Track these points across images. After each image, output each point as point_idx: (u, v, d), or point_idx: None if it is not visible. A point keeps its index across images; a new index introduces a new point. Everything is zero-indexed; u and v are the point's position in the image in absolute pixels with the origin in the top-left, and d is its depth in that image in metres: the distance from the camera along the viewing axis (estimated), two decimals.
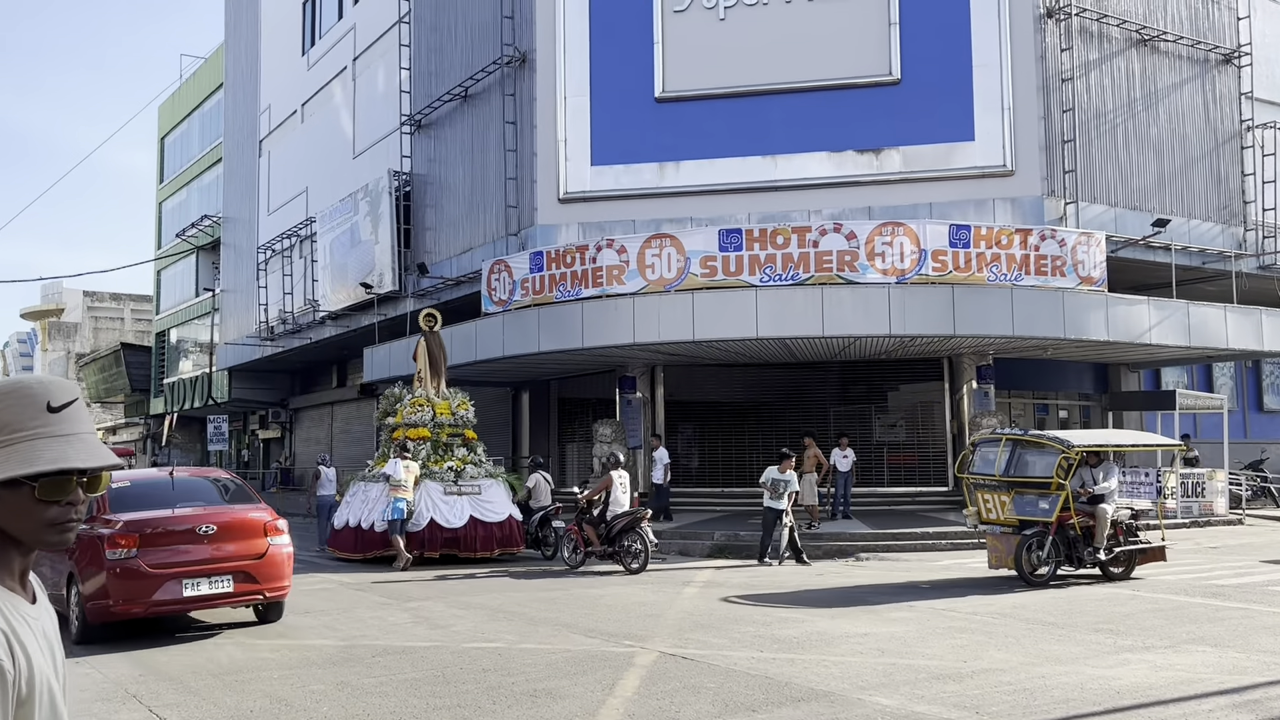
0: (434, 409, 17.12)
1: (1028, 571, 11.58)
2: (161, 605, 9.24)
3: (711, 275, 19.33)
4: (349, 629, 9.32)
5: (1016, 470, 12.49)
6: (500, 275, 22.19)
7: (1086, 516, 12.01)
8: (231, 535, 9.49)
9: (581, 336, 20.03)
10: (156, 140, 52.75)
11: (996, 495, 12.49)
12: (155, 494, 10.13)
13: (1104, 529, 11.80)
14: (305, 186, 34.83)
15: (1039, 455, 12.49)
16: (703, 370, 24.48)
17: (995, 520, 12.52)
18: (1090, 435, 13.36)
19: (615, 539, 13.84)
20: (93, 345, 73.04)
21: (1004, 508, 12.37)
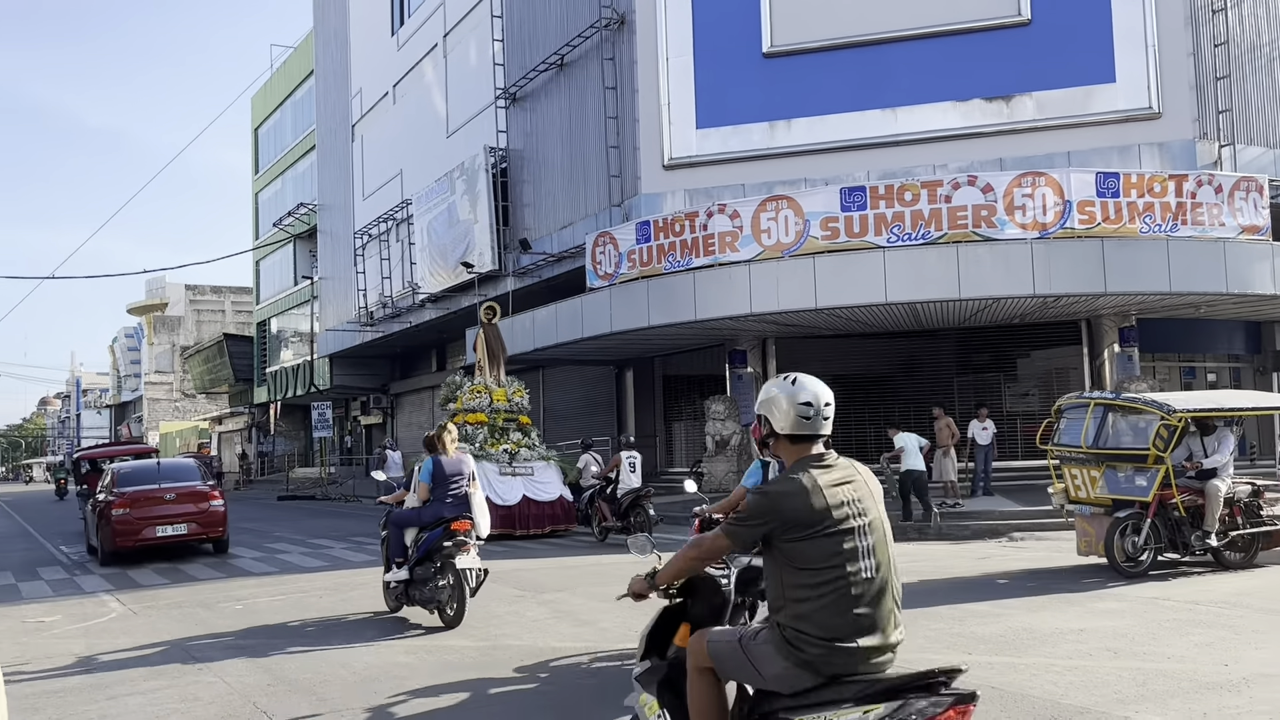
0: (491, 396, 18.12)
1: (1120, 560, 9.93)
2: (145, 541, 14.68)
3: (833, 238, 18.09)
4: (487, 627, 8.44)
5: (1108, 440, 10.77)
6: (605, 248, 21.25)
7: (1194, 494, 10.23)
8: (187, 499, 15.18)
9: (694, 308, 18.97)
10: (250, 132, 53.19)
11: (1085, 470, 10.78)
12: (145, 473, 16.12)
13: (1215, 509, 10.01)
14: (399, 169, 34.41)
15: (1135, 422, 10.69)
16: (817, 342, 23.18)
17: (1084, 499, 10.80)
18: (1198, 398, 11.15)
19: (625, 514, 14.89)
20: (196, 338, 74.64)
21: (1093, 484, 10.65)
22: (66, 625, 9.75)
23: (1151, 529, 9.95)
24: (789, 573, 3.27)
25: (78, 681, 7.17)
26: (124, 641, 8.69)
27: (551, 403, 31.81)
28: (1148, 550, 9.98)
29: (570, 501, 17.11)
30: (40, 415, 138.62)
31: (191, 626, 9.31)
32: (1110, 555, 9.94)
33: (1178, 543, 10.14)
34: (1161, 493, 10.01)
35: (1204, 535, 10.04)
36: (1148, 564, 9.98)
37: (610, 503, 15.27)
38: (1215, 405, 10.70)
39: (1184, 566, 10.45)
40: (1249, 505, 10.56)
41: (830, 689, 3.17)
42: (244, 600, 10.81)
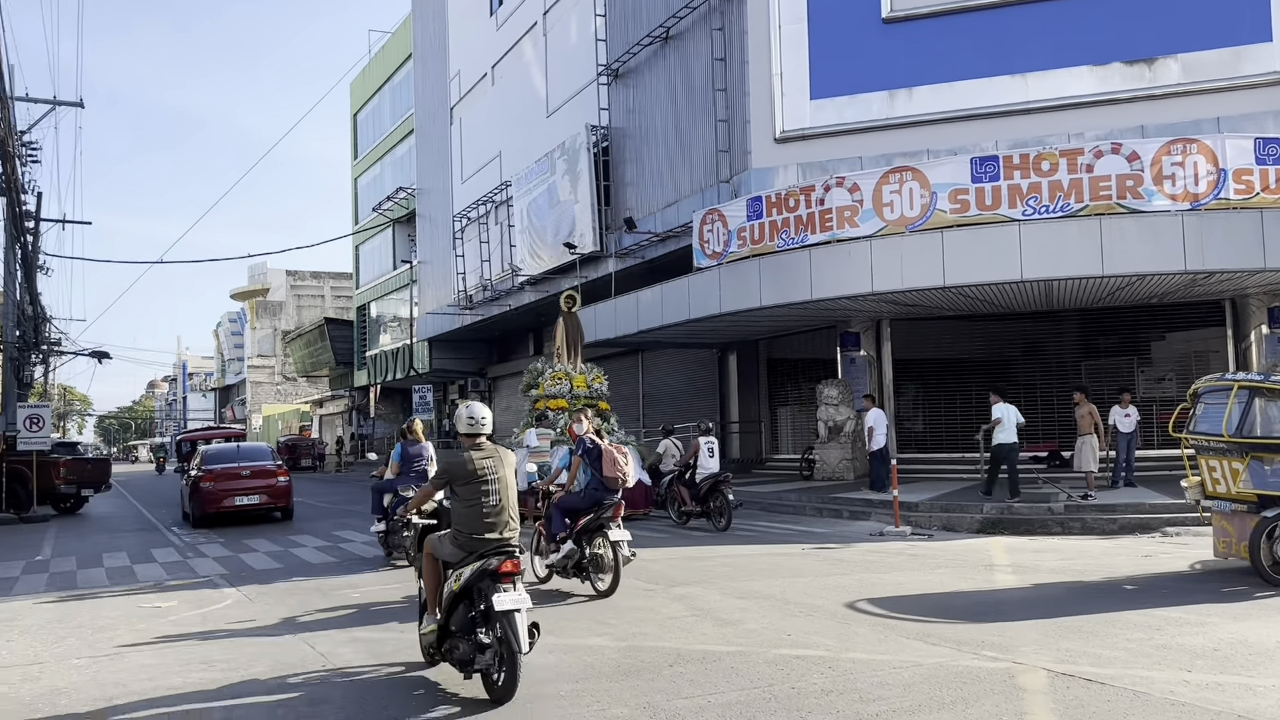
0: (572, 382, 18.57)
1: (1267, 565, 8.76)
2: (225, 508, 18.25)
3: (963, 211, 17.01)
4: (622, 624, 7.82)
5: (1254, 428, 9.52)
6: (713, 225, 20.47)
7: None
8: (260, 475, 18.85)
9: (810, 287, 18.08)
10: (349, 117, 53.65)
11: (1225, 461, 9.59)
12: (227, 454, 19.95)
13: None
14: (499, 151, 34.11)
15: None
16: (933, 324, 22.08)
17: (1224, 494, 9.65)
18: None
19: (704, 499, 15.23)
20: (296, 322, 76.14)
21: (1235, 478, 9.45)
22: (183, 611, 9.44)
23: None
24: (455, 501, 6.18)
25: (198, 677, 6.74)
26: (243, 630, 8.31)
27: (651, 387, 31.23)
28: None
29: (649, 486, 17.19)
30: (149, 398, 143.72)
31: (307, 614, 8.90)
32: (1255, 559, 8.81)
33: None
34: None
35: None
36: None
37: (690, 487, 15.55)
38: None
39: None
40: None
41: (470, 559, 5.98)
42: (361, 588, 10.40)
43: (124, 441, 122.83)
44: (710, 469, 15.38)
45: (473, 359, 42.34)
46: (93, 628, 8.79)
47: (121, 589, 11.15)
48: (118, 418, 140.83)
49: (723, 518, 14.71)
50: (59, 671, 7.10)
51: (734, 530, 14.66)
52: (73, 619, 9.29)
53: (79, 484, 22.85)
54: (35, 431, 21.22)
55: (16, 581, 12.09)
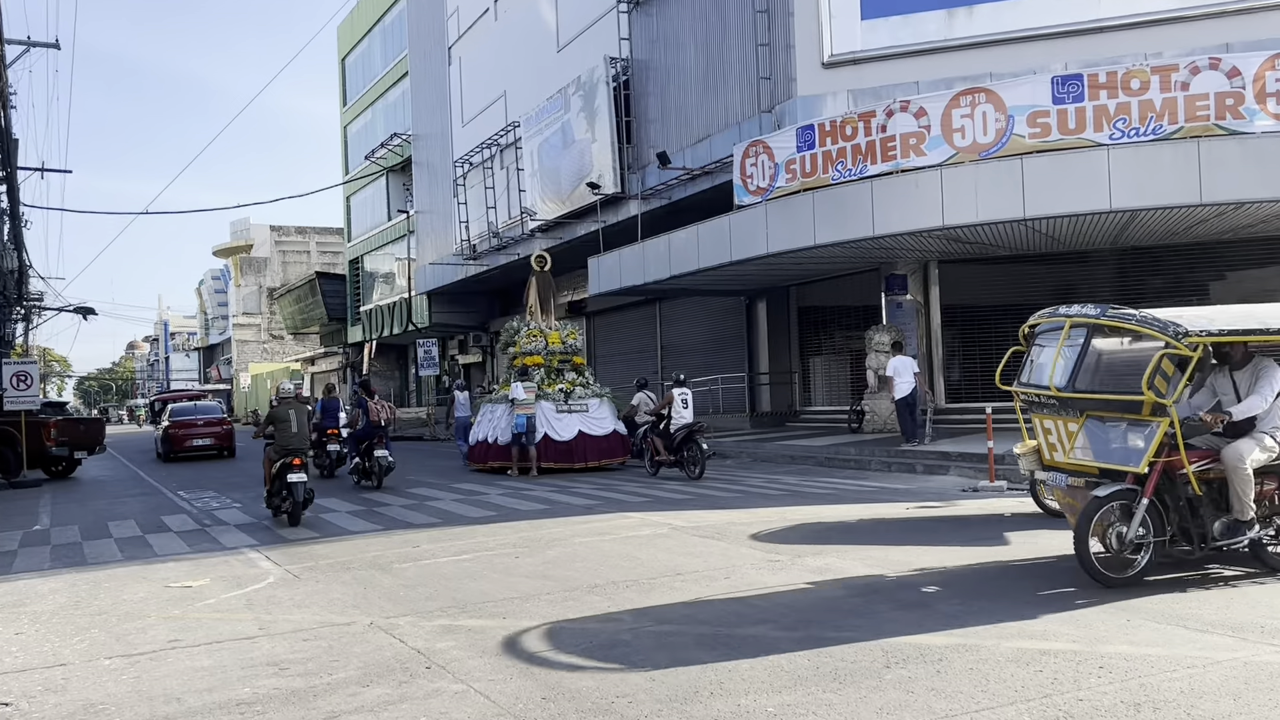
0: (546, 339, 18.98)
1: (1096, 561, 6.64)
2: (186, 448, 25.78)
3: (1043, 135, 15.56)
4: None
5: (1092, 379, 7.35)
6: (758, 159, 18.93)
7: (1210, 459, 6.83)
8: (211, 425, 26.64)
9: (872, 223, 16.62)
10: (337, 63, 51.41)
11: (1060, 422, 7.36)
12: (187, 409, 28.10)
13: (1243, 485, 6.67)
14: (503, 90, 32.29)
15: (1130, 352, 7.40)
16: (982, 267, 20.66)
17: (1062, 463, 7.43)
18: (1230, 315, 7.18)
19: (677, 449, 15.50)
20: (282, 279, 74.12)
21: (1071, 441, 7.28)
22: (220, 592, 8.01)
23: (1150, 515, 6.67)
24: (275, 431, 12.07)
25: (270, 686, 5.32)
26: (301, 619, 6.89)
27: (672, 338, 29.79)
28: (1145, 548, 6.69)
29: (624, 435, 18.01)
30: (129, 359, 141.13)
31: (375, 596, 7.49)
32: (1082, 553, 6.61)
33: (1193, 534, 6.84)
34: (1167, 459, 6.67)
35: (1231, 526, 6.78)
36: (1143, 567, 6.70)
37: (663, 438, 15.82)
38: (1255, 325, 6.95)
39: (1210, 568, 7.24)
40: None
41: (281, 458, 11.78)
42: (420, 560, 8.98)
43: (104, 402, 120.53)
44: (684, 419, 15.64)
45: (474, 312, 40.72)
46: (117, 615, 7.36)
47: (139, 564, 9.71)
48: (98, 379, 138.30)
49: (695, 467, 15.11)
50: (89, 677, 5.67)
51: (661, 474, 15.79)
52: (90, 603, 7.85)
53: (71, 446, 21.27)
54: (23, 390, 19.60)
55: (15, 556, 10.62)
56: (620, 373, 29.32)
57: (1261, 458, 6.78)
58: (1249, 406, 6.82)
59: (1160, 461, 6.64)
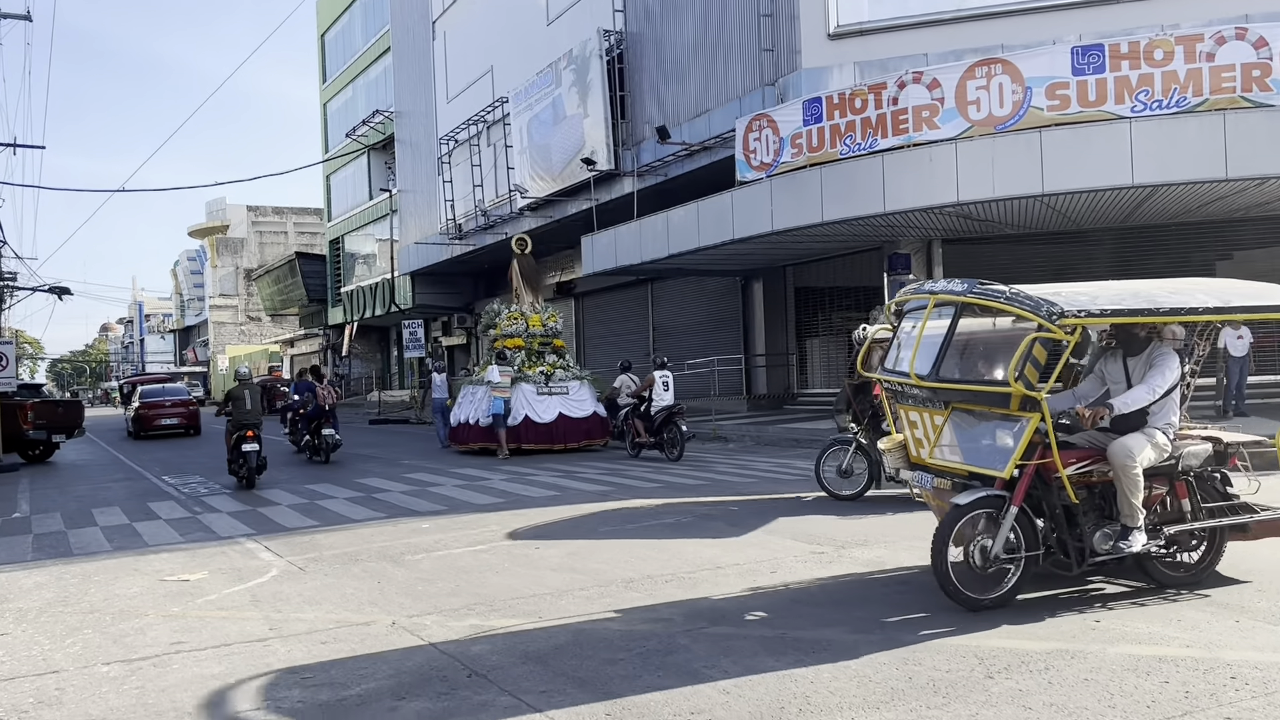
0: (527, 322, 19.16)
1: (957, 580, 5.64)
2: (156, 426, 28.09)
3: (1062, 108, 15.08)
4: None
5: (958, 366, 6.32)
6: (761, 133, 18.36)
7: (1092, 459, 5.84)
8: (178, 405, 28.81)
9: (883, 199, 16.11)
10: (316, 38, 50.31)
11: (926, 414, 6.20)
12: (156, 391, 30.36)
13: (1132, 488, 5.68)
14: (489, 66, 31.50)
15: (1004, 335, 6.29)
16: (987, 246, 20.22)
17: (930, 463, 6.27)
18: (1117, 291, 6.00)
19: (658, 431, 15.70)
20: (259, 260, 72.98)
21: (937, 437, 6.16)
22: (221, 587, 7.42)
23: (1021, 525, 5.69)
24: (233, 407, 14.23)
25: (294, 699, 4.76)
26: (315, 618, 6.31)
27: (664, 319, 29.20)
28: (1014, 565, 5.70)
29: (604, 417, 18.14)
30: (102, 341, 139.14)
31: (391, 592, 6.92)
32: (939, 570, 5.62)
33: (1070, 547, 5.80)
34: (1041, 461, 5.64)
35: (1117, 534, 5.75)
36: (1012, 585, 5.71)
37: (644, 420, 16.02)
38: (1143, 305, 5.74)
39: (1092, 584, 6.23)
40: (1202, 479, 6.19)
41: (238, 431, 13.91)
42: (432, 552, 8.42)
43: (75, 385, 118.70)
44: (665, 402, 15.81)
45: (458, 294, 39.98)
46: (111, 612, 6.77)
47: (129, 554, 9.09)
48: (71, 362, 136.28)
49: (675, 449, 15.26)
50: (86, 687, 5.09)
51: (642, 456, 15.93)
52: (80, 599, 7.25)
53: (49, 429, 20.50)
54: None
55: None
56: (610, 355, 28.72)
57: (1152, 456, 5.80)
58: (1133, 399, 5.79)
59: (1032, 464, 5.61)
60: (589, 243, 24.02)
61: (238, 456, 13.86)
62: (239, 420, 13.95)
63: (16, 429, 19.55)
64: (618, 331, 31.30)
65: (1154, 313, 5.71)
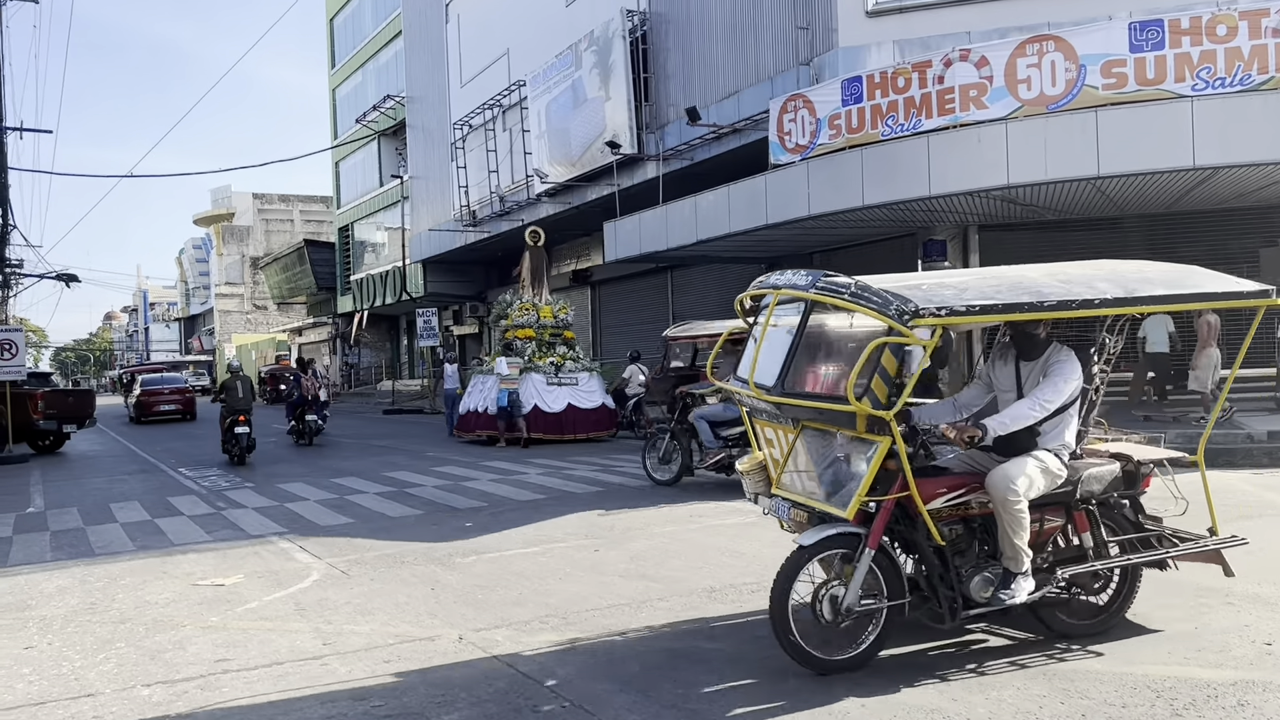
0: (538, 313, 19.30)
1: (804, 640, 4.59)
2: (155, 412, 31.11)
3: (1119, 86, 14.41)
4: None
5: (805, 375, 5.15)
6: (797, 114, 17.71)
7: (969, 488, 4.81)
8: (176, 392, 32.19)
9: (928, 182, 15.44)
10: (325, 23, 49.58)
11: (782, 432, 5.22)
12: (155, 380, 34.10)
13: (1014, 524, 4.67)
14: (506, 48, 30.80)
15: (862, 337, 4.88)
16: (1026, 234, 19.59)
17: (788, 492, 5.19)
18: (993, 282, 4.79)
19: None
20: (266, 248, 72.35)
21: (785, 460, 5.19)
22: (260, 593, 6.85)
23: (881, 570, 4.66)
24: (226, 396, 16.16)
25: None
26: (371, 631, 5.74)
27: (684, 307, 28.51)
28: (874, 618, 4.68)
29: (611, 409, 18.28)
30: (106, 329, 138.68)
31: (449, 600, 6.35)
32: (780, 626, 4.55)
33: (941, 595, 4.68)
34: (901, 494, 4.58)
35: (998, 580, 4.71)
36: (869, 642, 4.70)
37: None
38: (1025, 298, 4.58)
39: (973, 634, 5.18)
40: (1109, 507, 5.16)
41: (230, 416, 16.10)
42: (483, 554, 7.84)
43: (79, 374, 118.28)
44: None
45: (470, 282, 39.37)
46: (144, 623, 6.20)
47: (155, 555, 8.53)
48: (75, 350, 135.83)
49: None
50: (127, 713, 4.51)
51: None
52: (109, 606, 6.69)
53: (60, 419, 19.93)
54: (8, 360, 18.24)
55: (11, 544, 9.43)
56: (627, 344, 28.11)
57: (1043, 484, 4.76)
58: (1013, 418, 4.70)
59: (890, 497, 4.56)
60: (611, 229, 23.37)
61: (230, 438, 15.96)
62: (231, 407, 16.02)
63: (26, 419, 19.00)
64: (636, 320, 30.68)
65: (1037, 307, 4.53)
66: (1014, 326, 4.98)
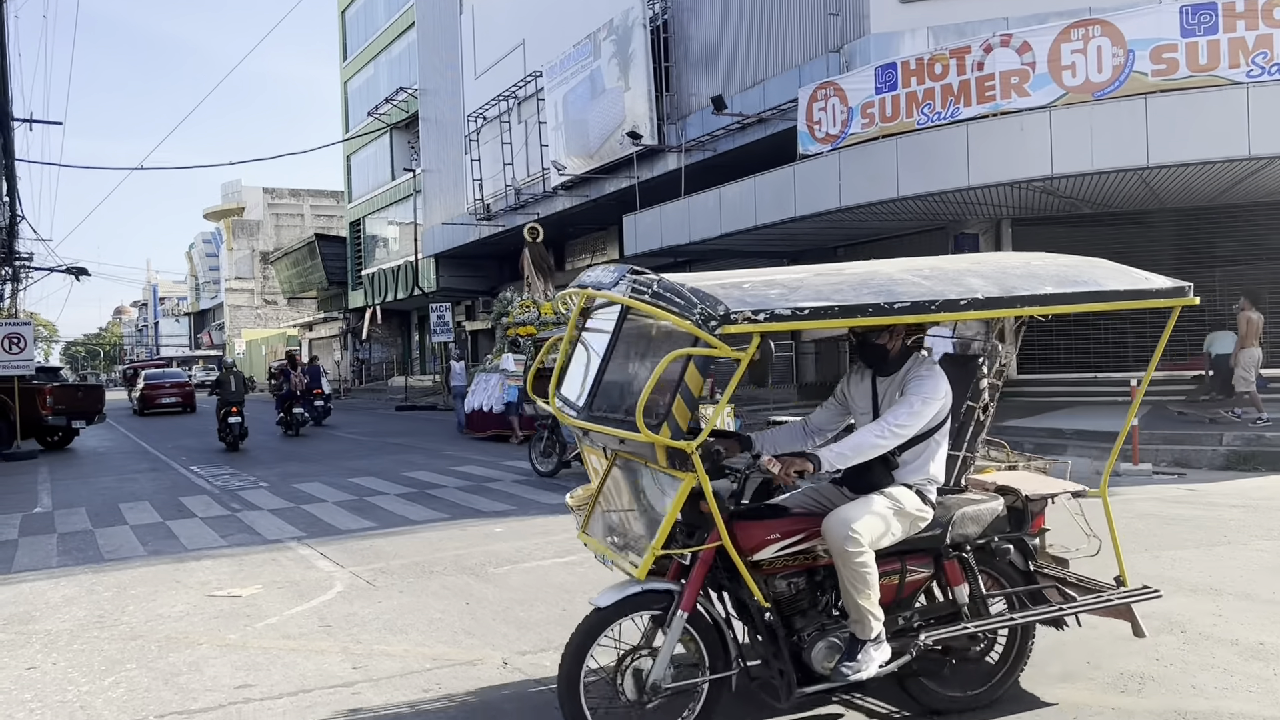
0: (540, 310, 19.14)
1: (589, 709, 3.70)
2: (157, 404, 33.33)
3: (1169, 72, 13.80)
4: None
5: (617, 394, 4.16)
6: (827, 102, 17.15)
7: (809, 533, 3.84)
8: (176, 386, 34.66)
9: (967, 172, 14.87)
10: (337, 15, 49.10)
11: (601, 459, 4.32)
12: (157, 374, 36.71)
13: (856, 580, 3.69)
14: (521, 39, 30.25)
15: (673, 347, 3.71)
16: (1062, 229, 19.00)
17: (592, 541, 4.35)
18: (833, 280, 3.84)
19: None
20: (276, 242, 71.97)
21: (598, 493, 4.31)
22: (281, 606, 6.34)
23: (700, 635, 3.79)
24: (220, 391, 19.03)
25: None
26: (405, 653, 5.21)
27: None
28: (692, 696, 3.82)
29: None
30: (116, 324, 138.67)
31: (486, 617, 5.82)
32: (568, 708, 3.69)
33: (773, 665, 3.84)
34: (714, 545, 3.72)
35: (844, 649, 3.78)
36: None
37: None
38: (870, 299, 3.65)
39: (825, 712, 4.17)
40: (990, 552, 4.18)
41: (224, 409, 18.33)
42: (518, 563, 7.32)
43: (87, 369, 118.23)
44: None
45: (484, 277, 38.83)
46: (156, 640, 5.70)
47: (167, 561, 8.03)
48: (85, 345, 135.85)
49: None
50: None
51: None
52: (118, 619, 6.19)
53: (68, 415, 19.48)
54: (16, 354, 17.77)
55: (17, 548, 8.94)
56: None
57: (899, 529, 3.84)
58: (854, 446, 3.75)
59: (708, 547, 3.66)
60: (631, 222, 22.82)
61: (225, 426, 17.90)
62: (225, 399, 18.18)
63: (35, 414, 18.54)
64: None
65: (885, 310, 3.59)
66: (858, 335, 4.01)
